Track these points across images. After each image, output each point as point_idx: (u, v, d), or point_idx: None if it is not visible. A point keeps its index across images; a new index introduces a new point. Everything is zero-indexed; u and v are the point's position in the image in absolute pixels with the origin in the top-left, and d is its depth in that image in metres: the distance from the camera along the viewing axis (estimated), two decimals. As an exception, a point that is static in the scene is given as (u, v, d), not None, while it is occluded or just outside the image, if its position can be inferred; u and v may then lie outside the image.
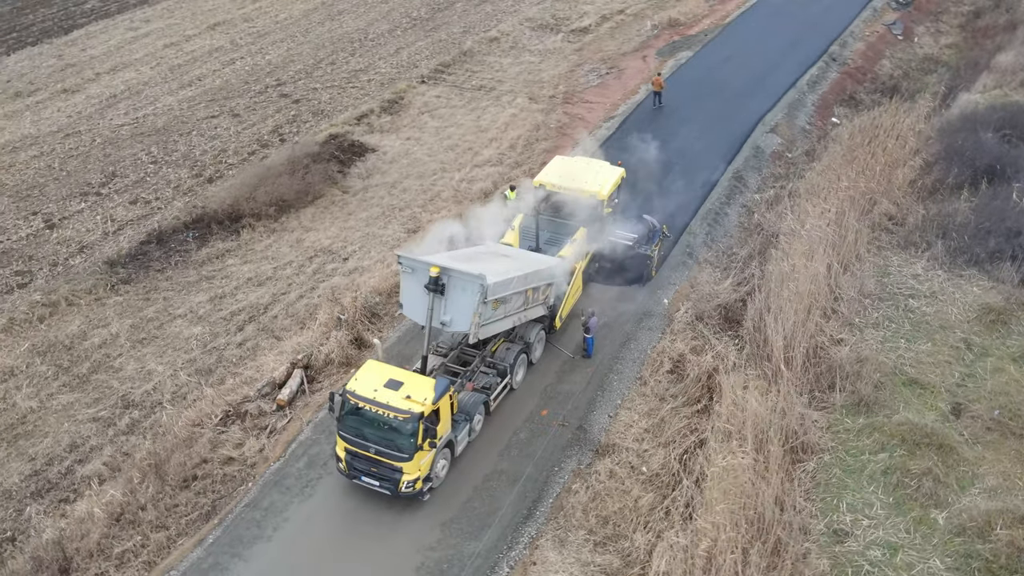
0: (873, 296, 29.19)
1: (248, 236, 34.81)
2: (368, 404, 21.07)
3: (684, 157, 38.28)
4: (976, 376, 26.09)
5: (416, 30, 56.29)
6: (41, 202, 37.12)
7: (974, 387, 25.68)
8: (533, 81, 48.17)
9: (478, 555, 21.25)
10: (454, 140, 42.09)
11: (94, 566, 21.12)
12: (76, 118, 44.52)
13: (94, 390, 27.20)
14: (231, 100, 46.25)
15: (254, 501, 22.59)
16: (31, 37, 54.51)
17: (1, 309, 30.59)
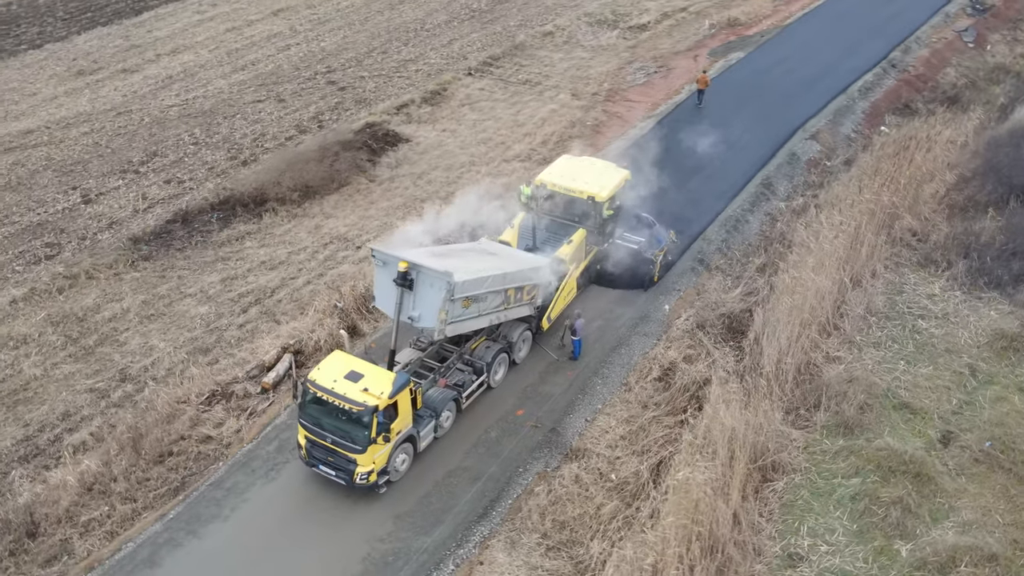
0: (880, 314, 28.20)
1: (269, 220, 35.51)
2: (325, 394, 21.34)
3: (714, 160, 37.59)
4: (975, 404, 25.03)
5: (473, 22, 56.42)
6: (83, 177, 38.53)
7: (970, 416, 24.64)
8: (579, 77, 47.82)
9: (425, 550, 21.35)
10: (488, 134, 42.12)
11: (60, 532, 21.91)
12: (130, 97, 46.03)
13: (96, 362, 28.15)
14: (279, 85, 47.17)
15: (219, 480, 23.13)
16: (103, 17, 56.48)
17: (25, 279, 31.85)
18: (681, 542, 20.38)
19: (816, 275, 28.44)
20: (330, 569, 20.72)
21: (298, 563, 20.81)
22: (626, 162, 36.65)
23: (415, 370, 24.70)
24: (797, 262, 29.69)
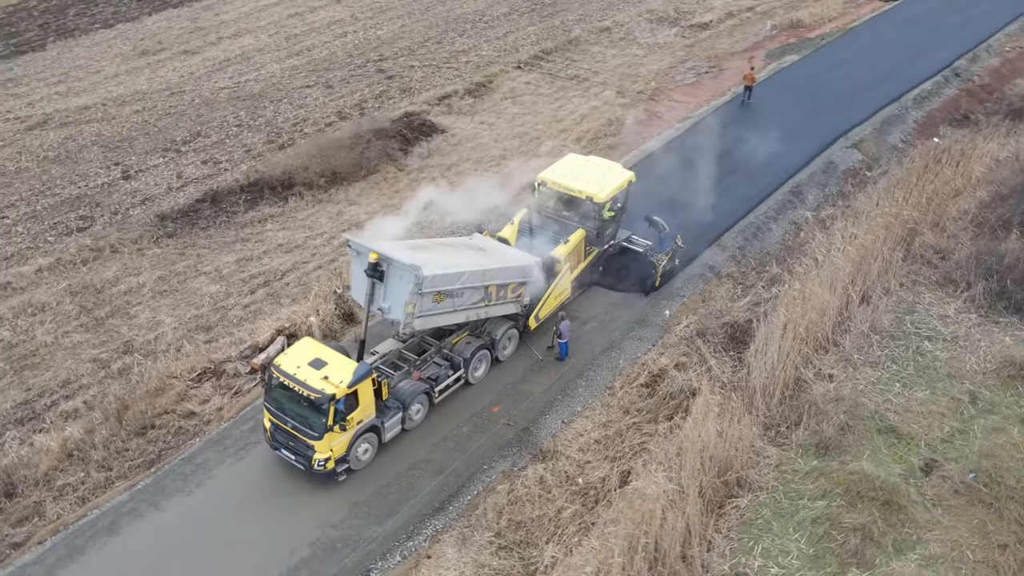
0: (884, 333, 27.18)
1: (294, 204, 36.18)
2: (288, 379, 21.69)
3: (746, 165, 36.81)
4: (968, 433, 23.92)
5: (532, 15, 56.32)
6: (127, 154, 39.90)
7: (960, 445, 23.56)
8: (628, 75, 47.35)
9: (375, 540, 21.54)
10: (525, 128, 42.05)
11: (35, 494, 22.82)
12: (186, 78, 47.43)
13: (105, 333, 29.19)
14: (330, 72, 47.95)
15: (191, 456, 23.75)
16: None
17: (54, 249, 33.20)
18: (624, 552, 20.07)
19: (821, 289, 27.57)
20: (279, 550, 21.06)
21: (249, 541, 21.23)
22: (654, 163, 36.48)
23: (392, 361, 24.88)
24: (805, 274, 28.85)
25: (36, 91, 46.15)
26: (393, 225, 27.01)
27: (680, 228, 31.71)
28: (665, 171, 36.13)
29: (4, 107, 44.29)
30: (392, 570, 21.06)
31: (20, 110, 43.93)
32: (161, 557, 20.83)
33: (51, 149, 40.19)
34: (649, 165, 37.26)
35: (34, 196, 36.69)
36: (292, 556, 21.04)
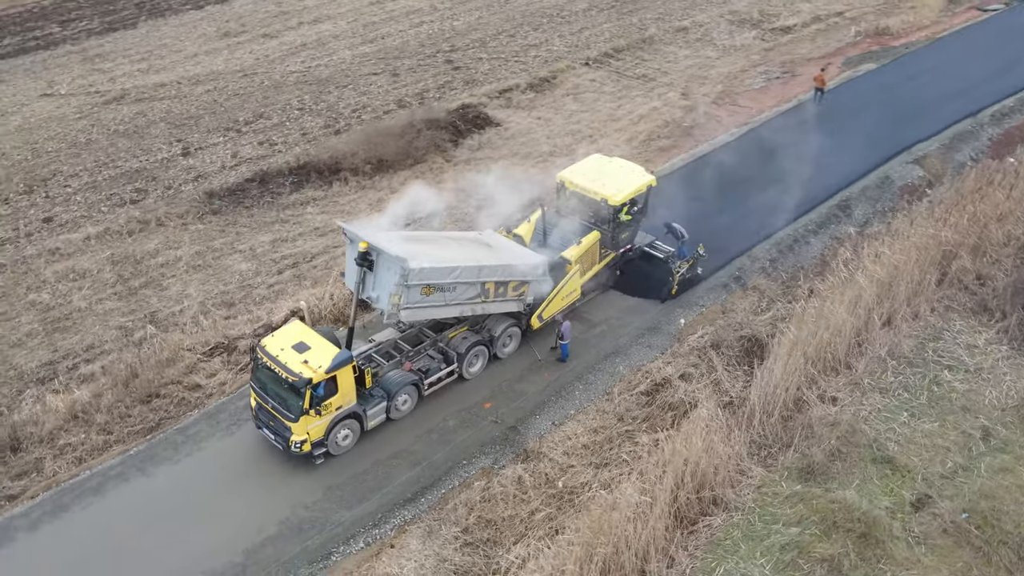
0: (903, 359, 26.08)
1: (338, 189, 36.87)
2: (270, 361, 22.19)
3: (793, 175, 35.63)
4: (972, 471, 22.79)
5: (611, 11, 55.81)
6: (190, 131, 41.38)
7: (960, 482, 22.47)
8: (697, 76, 46.49)
9: (341, 524, 21.87)
10: (580, 125, 41.80)
11: (38, 451, 23.99)
12: (260, 61, 48.85)
13: (135, 302, 30.40)
14: (398, 60, 48.60)
15: (185, 427, 24.57)
16: (265, -17, 59.97)
17: (105, 219, 34.73)
18: (578, 560, 19.88)
19: (841, 308, 26.58)
20: (248, 525, 21.62)
21: (222, 514, 21.85)
22: (701, 167, 35.84)
23: (387, 350, 25.16)
24: (827, 292, 27.87)
25: (120, 67, 48.24)
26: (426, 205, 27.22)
27: (711, 236, 31.09)
28: (710, 176, 35.49)
29: (87, 81, 46.44)
30: (353, 555, 21.32)
31: (102, 84, 46.01)
32: (137, 521, 21.66)
33: (122, 123, 41.96)
34: (695, 169, 36.64)
35: (98, 167, 38.40)
36: (260, 533, 21.55)
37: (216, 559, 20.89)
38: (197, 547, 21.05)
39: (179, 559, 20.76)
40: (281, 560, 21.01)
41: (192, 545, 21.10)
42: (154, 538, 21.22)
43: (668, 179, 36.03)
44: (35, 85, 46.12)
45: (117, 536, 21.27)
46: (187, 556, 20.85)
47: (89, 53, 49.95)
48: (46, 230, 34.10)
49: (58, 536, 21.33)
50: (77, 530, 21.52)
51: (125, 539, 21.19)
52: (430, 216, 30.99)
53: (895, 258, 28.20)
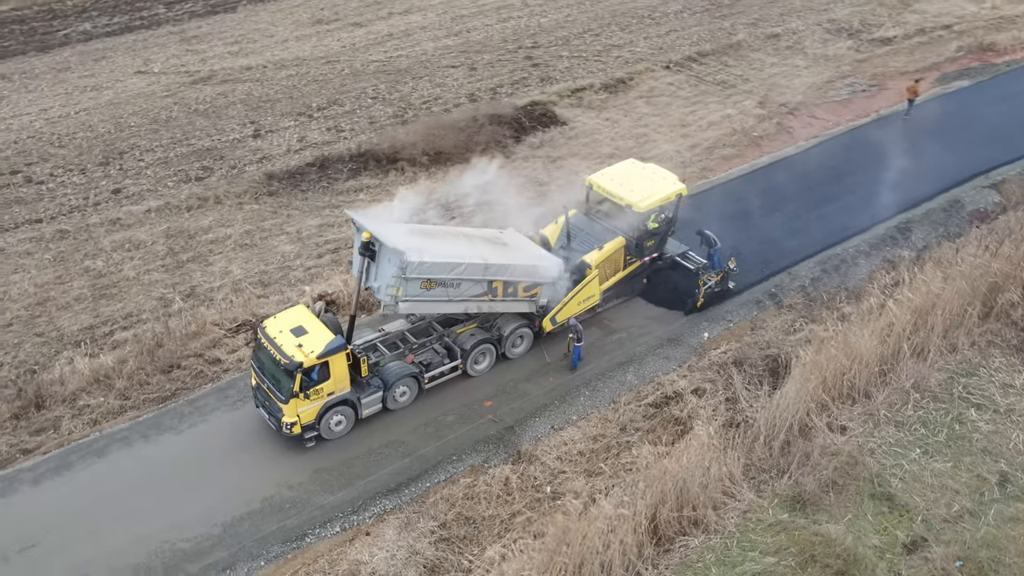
0: (928, 393, 24.85)
1: (393, 178, 37.39)
2: (267, 342, 22.77)
3: (854, 192, 34.48)
4: (980, 517, 21.60)
5: (705, 15, 54.69)
6: (265, 114, 42.68)
7: (964, 528, 21.33)
8: (779, 85, 45.17)
9: (321, 507, 22.29)
10: (647, 129, 41.24)
11: (58, 410, 25.25)
12: (345, 49, 49.93)
13: (180, 275, 31.60)
14: (479, 55, 48.90)
15: (196, 399, 25.46)
16: (365, -28, 61.10)
17: (169, 193, 36.19)
18: (539, 567, 19.74)
19: (868, 334, 25.49)
20: (233, 499, 22.26)
21: (211, 486, 22.56)
22: (758, 178, 34.95)
23: (393, 341, 25.44)
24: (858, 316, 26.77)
25: (213, 49, 50.09)
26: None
27: (753, 249, 30.45)
28: (766, 188, 34.57)
29: (180, 61, 48.42)
30: (328, 539, 21.69)
31: (192, 65, 47.90)
32: (129, 485, 22.59)
33: (203, 103, 43.59)
34: (751, 180, 35.77)
35: (172, 144, 40.03)
36: (243, 507, 22.16)
37: (196, 528, 21.58)
38: (181, 515, 21.78)
39: (161, 525, 21.52)
40: (257, 536, 21.53)
41: (176, 513, 21.84)
42: (142, 502, 22.07)
43: (722, 188, 35.33)
44: (132, 62, 48.35)
45: (108, 498, 22.20)
46: (169, 523, 21.60)
47: (188, 34, 52.01)
48: (113, 201, 35.76)
49: (55, 493, 22.43)
50: (73, 488, 22.58)
51: (115, 501, 22.10)
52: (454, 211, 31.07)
53: (936, 286, 26.76)
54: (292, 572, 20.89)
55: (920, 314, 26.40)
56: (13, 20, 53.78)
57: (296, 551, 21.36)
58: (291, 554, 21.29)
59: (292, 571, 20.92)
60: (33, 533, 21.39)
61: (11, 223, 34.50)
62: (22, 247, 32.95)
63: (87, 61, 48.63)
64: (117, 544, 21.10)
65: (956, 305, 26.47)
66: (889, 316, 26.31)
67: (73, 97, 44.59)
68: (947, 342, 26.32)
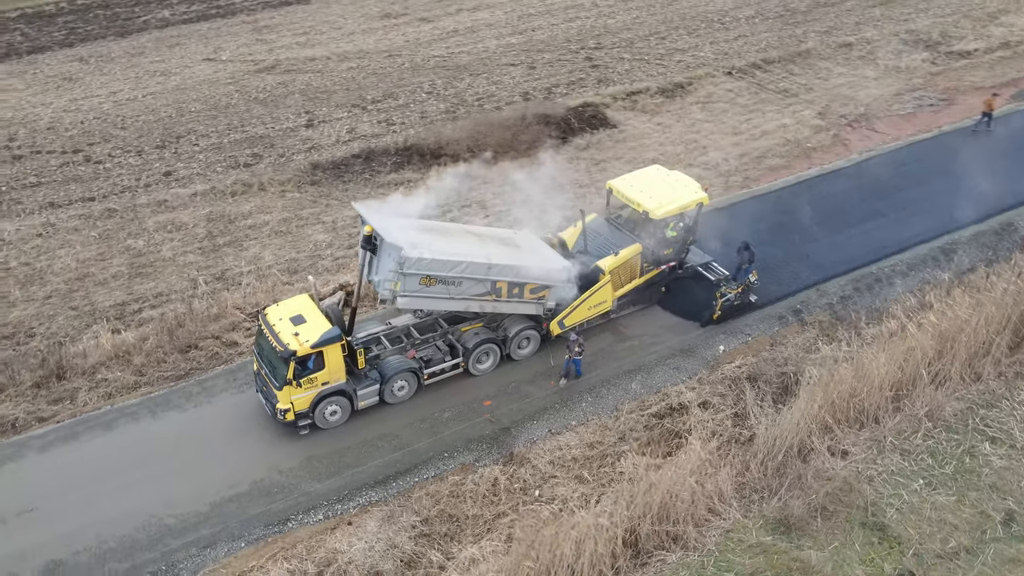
0: (942, 423, 23.87)
1: (435, 173, 37.62)
2: (266, 328, 23.22)
3: (900, 209, 33.33)
4: (976, 555, 20.68)
5: (777, 21, 53.51)
6: (321, 105, 43.47)
7: (958, 566, 20.45)
8: (842, 96, 43.94)
9: (307, 494, 22.63)
10: (698, 135, 40.60)
11: (77, 381, 26.20)
12: (409, 44, 50.47)
13: (214, 258, 32.45)
14: (539, 54, 48.85)
15: (205, 379, 26.12)
16: (440, -32, 61.61)
17: (216, 178, 37.18)
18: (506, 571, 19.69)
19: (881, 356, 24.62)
20: (224, 480, 22.76)
21: (204, 465, 23.11)
22: (801, 191, 34.17)
23: (398, 335, 25.64)
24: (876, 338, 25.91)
25: (282, 39, 51.23)
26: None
27: (783, 263, 29.89)
28: (806, 201, 33.73)
29: (248, 50, 49.67)
30: (310, 526, 22.00)
31: (260, 55, 49.08)
32: (128, 459, 23.29)
33: (262, 92, 44.64)
34: (795, 192, 34.95)
35: (228, 130, 41.11)
36: (232, 488, 22.65)
37: (185, 505, 22.15)
38: (171, 492, 22.39)
39: (152, 500, 22.17)
40: (241, 517, 21.99)
41: (169, 489, 22.47)
42: (138, 476, 22.76)
43: (762, 199, 34.60)
44: (203, 50, 49.81)
45: (108, 470, 22.95)
46: (161, 498, 22.23)
47: (259, 24, 53.31)
48: (163, 183, 36.91)
49: (59, 461, 23.31)
50: (77, 458, 23.42)
51: (113, 474, 22.84)
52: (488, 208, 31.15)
53: (963, 311, 25.66)
54: (270, 555, 21.21)
55: (944, 340, 25.33)
56: (99, 5, 55.98)
57: (277, 535, 21.70)
58: (272, 537, 21.63)
59: (271, 554, 21.25)
60: (33, 498, 22.27)
61: (65, 200, 35.86)
62: (71, 223, 34.24)
63: (161, 47, 50.25)
64: (109, 515, 21.78)
65: (984, 333, 25.30)
66: (910, 340, 25.30)
67: (142, 81, 46.13)
68: (971, 371, 25.22)
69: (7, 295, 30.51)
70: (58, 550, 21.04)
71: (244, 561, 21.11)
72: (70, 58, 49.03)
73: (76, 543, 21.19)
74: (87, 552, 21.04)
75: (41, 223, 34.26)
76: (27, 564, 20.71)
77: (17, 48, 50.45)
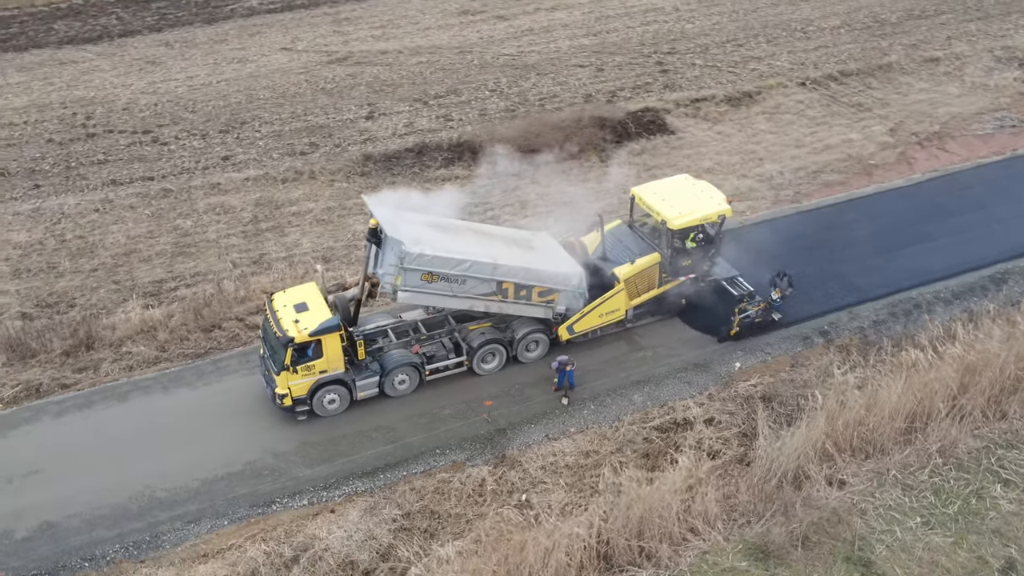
0: (953, 460, 22.77)
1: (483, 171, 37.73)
2: (269, 314, 23.75)
3: (955, 234, 31.88)
4: (965, 604, 19.61)
5: (862, 32, 51.69)
6: (384, 97, 44.12)
7: (942, 613, 19.43)
8: (918, 113, 42.25)
9: (296, 479, 23.06)
10: (758, 147, 39.67)
11: (103, 352, 27.30)
12: (482, 41, 50.71)
13: (255, 242, 33.31)
14: (610, 56, 48.45)
15: (220, 360, 26.87)
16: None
17: (272, 164, 38.15)
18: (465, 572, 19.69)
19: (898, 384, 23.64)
20: (218, 458, 23.39)
21: (201, 443, 23.78)
22: (853, 208, 33.26)
23: (405, 329, 25.85)
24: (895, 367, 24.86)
25: (358, 31, 52.17)
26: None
27: (818, 282, 29.14)
28: (855, 219, 32.71)
29: (324, 41, 50.76)
30: (293, 510, 22.40)
31: (334, 46, 50.10)
32: (132, 430, 24.20)
33: (331, 83, 45.56)
34: (843, 209, 33.94)
35: (291, 119, 42.12)
36: (225, 467, 23.25)
37: (178, 480, 22.85)
38: (168, 465, 23.15)
39: (149, 472, 22.96)
40: (229, 496, 22.55)
41: (166, 463, 23.24)
42: (140, 448, 23.60)
43: (809, 215, 33.64)
44: (281, 39, 51.13)
45: (113, 439, 23.88)
46: (157, 471, 23.00)
47: (340, 16, 54.41)
48: (220, 167, 38.07)
49: (70, 427, 24.37)
50: (87, 426, 24.45)
51: (118, 443, 23.76)
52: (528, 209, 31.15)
53: (993, 345, 24.38)
54: (250, 535, 21.68)
55: (970, 373, 24.10)
56: (193, -8, 58.13)
57: (260, 516, 22.16)
58: (255, 518, 22.10)
59: (251, 534, 21.71)
60: (40, 460, 23.33)
61: (127, 178, 37.35)
62: (128, 201, 35.65)
63: (243, 35, 51.82)
64: (106, 482, 22.64)
65: (1014, 369, 23.96)
66: (933, 371, 24.18)
67: (219, 67, 47.66)
68: (997, 408, 23.92)
69: (57, 265, 31.93)
70: (53, 512, 21.95)
71: (224, 539, 21.62)
72: (157, 42, 50.99)
73: (71, 507, 22.07)
74: (79, 517, 21.88)
75: (100, 199, 35.73)
76: (22, 523, 21.67)
77: (110, 31, 52.73)
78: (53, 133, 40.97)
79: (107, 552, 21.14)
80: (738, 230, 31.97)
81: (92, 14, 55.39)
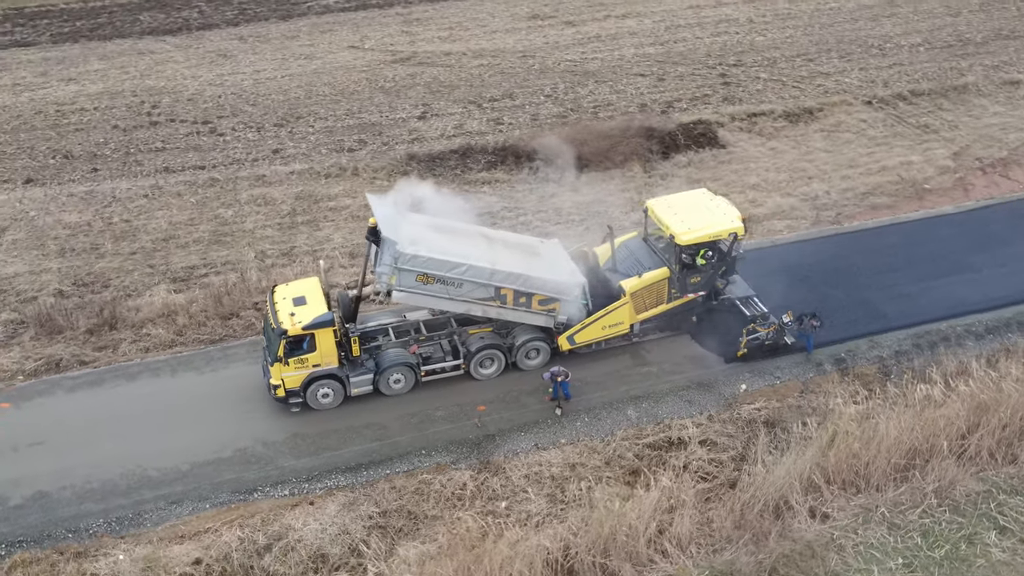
0: (950, 502, 21.76)
1: (523, 176, 37.80)
2: (268, 306, 24.27)
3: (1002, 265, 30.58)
4: (936, 655, 18.74)
5: (942, 51, 49.78)
6: (440, 98, 44.53)
7: (909, 662, 18.61)
8: (988, 137, 40.53)
9: (281, 468, 23.49)
10: (810, 165, 38.68)
11: (124, 332, 28.29)
12: (547, 46, 50.72)
13: (290, 234, 34.03)
14: (673, 66, 47.86)
15: (230, 347, 27.56)
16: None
17: (317, 160, 38.92)
18: (423, 575, 19.78)
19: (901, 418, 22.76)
20: (210, 443, 23.97)
21: (197, 427, 24.41)
22: (895, 233, 32.32)
23: (407, 328, 26.05)
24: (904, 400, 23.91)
25: (426, 32, 52.78)
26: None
27: (841, 308, 28.32)
28: (894, 244, 31.60)
29: (392, 41, 51.53)
30: (273, 499, 22.80)
31: (400, 46, 50.81)
32: (134, 410, 25.04)
33: (390, 81, 46.22)
34: (883, 234, 32.88)
35: (345, 115, 42.90)
36: (215, 452, 23.85)
37: (169, 461, 23.53)
38: (162, 447, 23.84)
39: (143, 451, 23.69)
40: (214, 480, 23.11)
41: (160, 443, 23.94)
42: (139, 427, 24.37)
43: (844, 237, 32.66)
44: (351, 37, 52.12)
45: (116, 417, 24.74)
46: (151, 451, 23.73)
47: (411, 16, 55.14)
48: (268, 159, 39.04)
49: (79, 403, 25.38)
50: (94, 402, 25.41)
51: (119, 421, 24.61)
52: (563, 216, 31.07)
53: (1009, 385, 23.19)
54: (228, 520, 22.14)
55: (981, 412, 22.98)
56: (272, -11, 59.72)
57: (241, 503, 22.63)
58: (236, 504, 22.58)
59: (228, 520, 22.17)
60: (45, 433, 24.34)
61: (179, 166, 38.62)
62: (176, 188, 36.86)
63: (314, 32, 53.01)
64: (101, 458, 23.48)
65: (1023, 406, 22.77)
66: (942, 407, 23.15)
67: (287, 63, 48.86)
68: (1007, 451, 22.74)
69: (100, 247, 33.23)
70: (48, 483, 22.86)
71: (203, 522, 22.14)
72: (231, 36, 52.60)
73: (65, 479, 22.95)
74: (71, 489, 22.73)
75: (151, 185, 37.04)
76: (18, 491, 22.63)
77: (190, 24, 54.63)
78: (119, 120, 42.60)
79: (91, 525, 21.88)
80: (768, 248, 31.20)
81: (177, 7, 57.46)
